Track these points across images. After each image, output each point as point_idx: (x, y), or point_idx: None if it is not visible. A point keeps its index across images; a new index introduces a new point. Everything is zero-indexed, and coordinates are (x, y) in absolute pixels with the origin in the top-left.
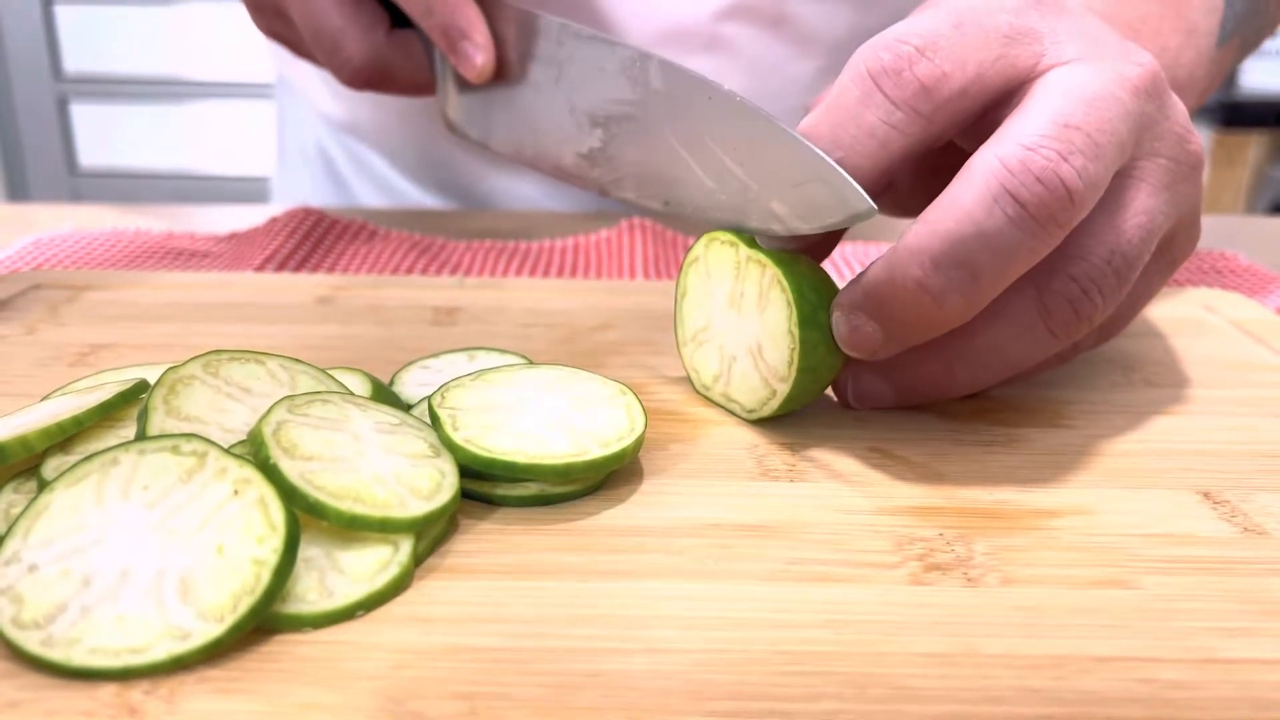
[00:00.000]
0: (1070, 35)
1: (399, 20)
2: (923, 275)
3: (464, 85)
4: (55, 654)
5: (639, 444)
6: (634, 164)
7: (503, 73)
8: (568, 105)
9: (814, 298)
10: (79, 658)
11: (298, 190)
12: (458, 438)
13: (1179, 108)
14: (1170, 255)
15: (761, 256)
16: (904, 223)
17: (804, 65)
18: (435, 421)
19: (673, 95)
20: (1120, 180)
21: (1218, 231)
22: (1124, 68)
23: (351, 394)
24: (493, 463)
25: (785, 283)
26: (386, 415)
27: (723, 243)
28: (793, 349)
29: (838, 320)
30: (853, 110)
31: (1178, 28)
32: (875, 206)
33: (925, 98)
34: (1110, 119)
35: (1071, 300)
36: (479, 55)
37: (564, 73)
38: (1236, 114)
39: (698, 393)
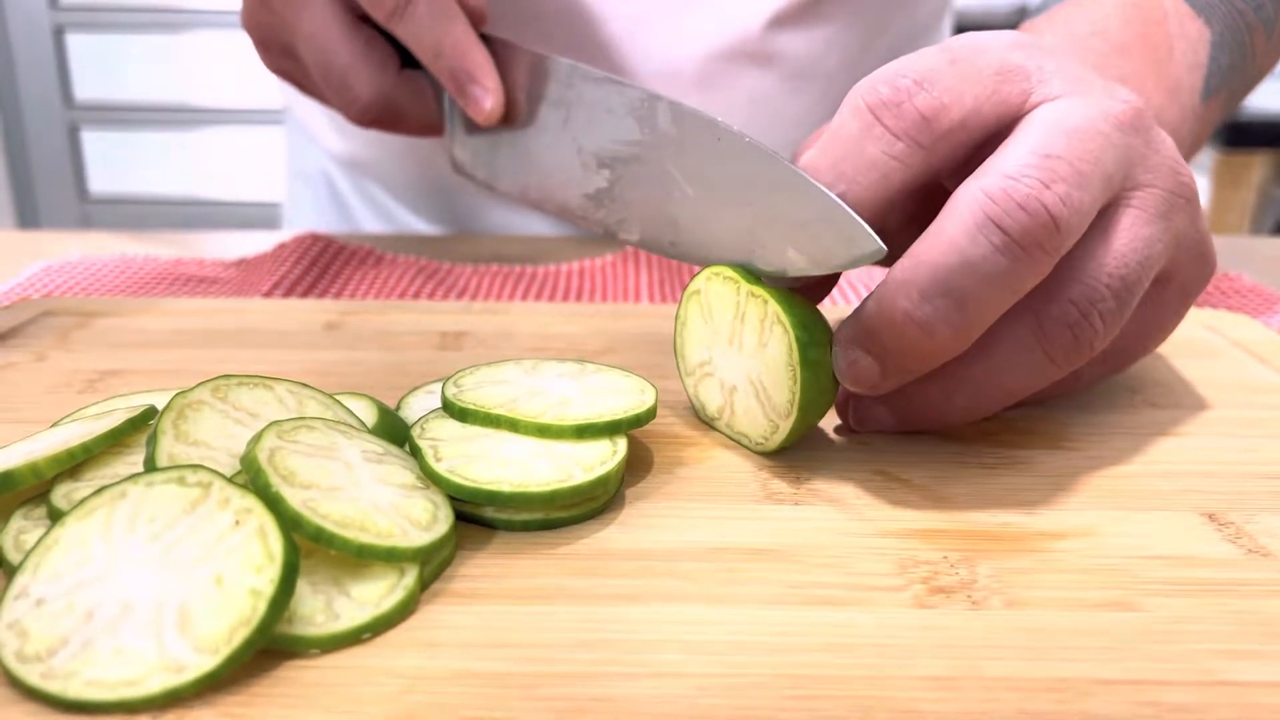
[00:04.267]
0: (1055, 73)
1: (409, 60)
2: (910, 306)
3: (472, 127)
4: (53, 686)
5: (622, 466)
6: (640, 205)
7: (511, 116)
8: (575, 146)
9: (806, 335)
10: (75, 690)
11: (307, 216)
12: (441, 469)
13: (1168, 142)
14: (1180, 287)
15: (763, 292)
16: None
17: (795, 101)
18: (417, 453)
19: (680, 136)
20: (1114, 210)
21: (1222, 252)
22: (1108, 104)
23: (339, 421)
24: (477, 493)
25: (786, 320)
26: (372, 444)
27: (724, 279)
28: (794, 385)
29: (837, 355)
30: (854, 143)
31: (1161, 85)
32: (883, 247)
33: (925, 129)
34: (1093, 150)
35: (1070, 325)
36: (487, 99)
37: (572, 114)
38: (1241, 135)
39: (703, 422)
